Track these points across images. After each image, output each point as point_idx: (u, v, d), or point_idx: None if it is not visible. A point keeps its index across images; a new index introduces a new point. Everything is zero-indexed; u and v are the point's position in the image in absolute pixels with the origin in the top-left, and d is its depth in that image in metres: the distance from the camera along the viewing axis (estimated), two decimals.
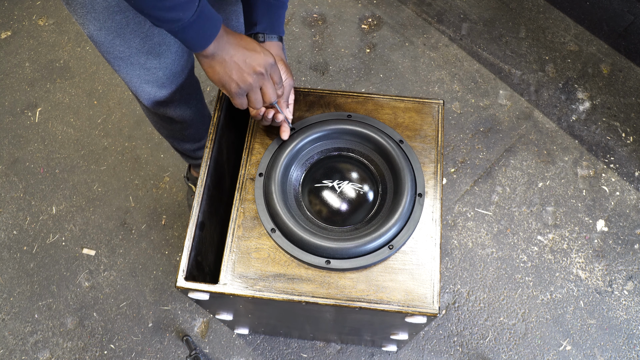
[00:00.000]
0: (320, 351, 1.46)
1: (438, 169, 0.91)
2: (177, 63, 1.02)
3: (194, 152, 1.39)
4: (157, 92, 1.05)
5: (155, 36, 0.93)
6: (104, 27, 0.88)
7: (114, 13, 0.86)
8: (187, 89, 1.11)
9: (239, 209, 0.89)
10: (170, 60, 0.99)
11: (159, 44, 0.94)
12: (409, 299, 0.82)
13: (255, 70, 0.79)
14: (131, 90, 1.06)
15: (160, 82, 1.02)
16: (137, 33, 0.90)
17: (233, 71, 0.78)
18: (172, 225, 1.64)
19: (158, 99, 1.07)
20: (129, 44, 0.92)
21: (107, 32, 0.89)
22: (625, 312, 1.50)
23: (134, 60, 0.95)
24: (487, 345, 1.47)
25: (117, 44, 0.91)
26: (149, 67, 0.98)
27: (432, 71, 1.88)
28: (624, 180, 1.68)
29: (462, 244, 1.60)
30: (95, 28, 0.88)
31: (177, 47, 0.99)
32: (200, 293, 0.85)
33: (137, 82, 1.01)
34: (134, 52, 0.94)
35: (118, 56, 0.94)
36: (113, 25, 0.88)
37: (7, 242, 1.63)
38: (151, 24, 0.90)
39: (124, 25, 0.88)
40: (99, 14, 0.86)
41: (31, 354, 1.48)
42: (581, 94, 1.83)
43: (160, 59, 0.98)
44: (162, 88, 1.04)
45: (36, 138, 1.79)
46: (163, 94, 1.06)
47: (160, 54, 0.97)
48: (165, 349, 1.48)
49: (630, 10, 1.83)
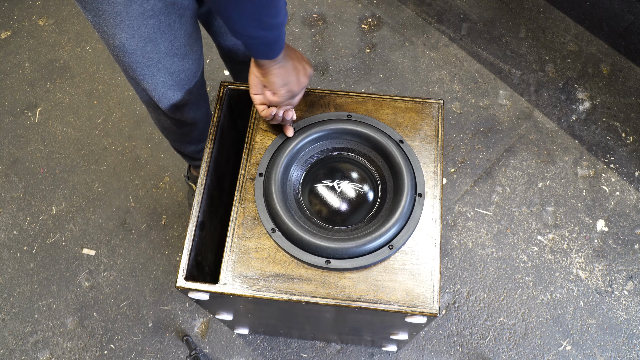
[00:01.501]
0: (320, 351, 1.46)
1: (438, 169, 0.91)
2: (197, 63, 1.05)
3: (197, 153, 1.40)
4: (177, 95, 1.07)
5: (181, 37, 0.96)
6: (137, 33, 0.89)
7: (148, 18, 0.87)
8: (199, 90, 1.13)
9: (239, 209, 0.89)
10: (192, 61, 1.02)
11: (184, 45, 0.97)
12: (409, 299, 0.82)
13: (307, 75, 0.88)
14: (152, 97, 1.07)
15: (182, 84, 1.05)
16: (167, 36, 0.93)
17: (293, 76, 0.85)
18: (172, 225, 1.64)
19: (176, 102, 1.09)
20: (158, 49, 0.94)
21: (140, 39, 0.90)
22: (625, 312, 1.50)
23: (161, 65, 0.97)
24: (487, 345, 1.47)
25: (147, 50, 0.93)
26: (174, 71, 1.00)
27: (432, 71, 1.88)
28: (624, 180, 1.68)
29: (462, 244, 1.60)
30: (128, 36, 0.89)
31: (197, 47, 1.02)
32: (200, 293, 0.85)
33: (161, 88, 1.03)
34: (162, 57, 0.96)
35: (146, 64, 0.96)
36: (147, 31, 0.89)
37: (7, 242, 1.63)
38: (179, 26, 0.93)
39: (156, 29, 0.90)
40: (134, 21, 0.87)
41: (31, 354, 1.48)
42: (581, 94, 1.83)
43: (185, 61, 1.00)
44: (181, 90, 1.06)
45: (36, 138, 1.79)
46: (181, 97, 1.08)
47: (185, 55, 0.99)
48: (165, 349, 1.48)
49: (630, 10, 1.83)
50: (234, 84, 1.01)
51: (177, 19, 0.92)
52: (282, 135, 0.94)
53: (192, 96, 1.11)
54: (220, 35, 1.11)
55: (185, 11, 0.93)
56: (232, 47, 1.16)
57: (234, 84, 1.01)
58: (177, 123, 1.20)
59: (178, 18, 0.92)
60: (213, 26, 1.09)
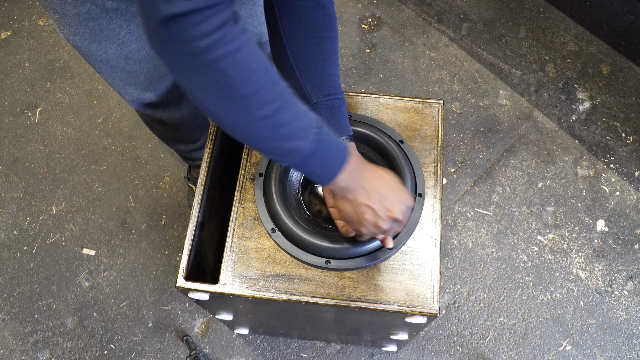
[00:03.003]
0: (320, 351, 1.46)
1: (438, 169, 0.91)
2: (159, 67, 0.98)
3: (189, 153, 1.39)
4: (141, 94, 1.02)
5: (132, 43, 0.90)
6: (77, 32, 0.86)
7: (85, 20, 0.84)
8: (177, 92, 1.09)
9: (239, 209, 0.89)
10: (152, 66, 0.97)
11: (137, 50, 0.92)
12: (409, 299, 0.82)
13: (392, 217, 0.70)
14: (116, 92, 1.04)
15: (144, 85, 1.00)
16: (113, 40, 0.88)
17: (366, 214, 0.69)
18: (172, 225, 1.64)
19: (144, 101, 1.05)
20: (105, 49, 0.89)
21: (82, 38, 0.87)
22: (625, 312, 1.50)
23: (113, 63, 0.93)
24: (487, 345, 1.47)
25: (93, 49, 0.89)
26: (130, 71, 0.96)
27: (432, 71, 1.88)
28: (624, 180, 1.68)
29: (462, 244, 1.60)
30: (70, 33, 0.87)
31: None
32: (200, 293, 0.85)
33: (119, 83, 0.99)
34: (112, 57, 0.91)
35: (97, 59, 0.92)
36: (87, 32, 0.86)
37: (7, 242, 1.63)
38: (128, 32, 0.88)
39: (98, 32, 0.86)
40: (72, 21, 0.84)
41: (31, 354, 1.48)
42: (581, 94, 1.83)
43: (142, 64, 0.95)
44: (146, 91, 1.02)
45: (36, 138, 1.79)
46: (149, 97, 1.04)
47: (141, 60, 0.94)
48: (165, 349, 1.48)
49: (630, 10, 1.83)
50: None
51: (123, 24, 0.86)
52: None
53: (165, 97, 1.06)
54: None
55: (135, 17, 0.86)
56: None
57: None
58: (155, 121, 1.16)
59: (125, 24, 0.86)
60: None
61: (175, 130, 1.22)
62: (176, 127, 1.21)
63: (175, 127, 1.21)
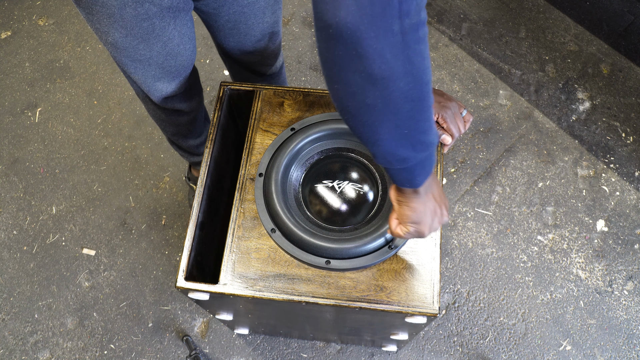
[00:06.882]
0: (320, 351, 1.46)
1: (438, 169, 0.91)
2: (189, 58, 1.05)
3: (197, 147, 1.40)
4: (167, 87, 1.08)
5: (175, 38, 0.96)
6: (130, 34, 0.90)
7: (141, 20, 0.88)
8: (190, 79, 1.15)
9: (239, 209, 0.89)
10: (184, 57, 1.03)
11: (177, 45, 0.98)
12: (409, 299, 0.82)
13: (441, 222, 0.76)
14: (142, 89, 1.09)
15: (172, 76, 1.06)
16: (160, 37, 0.94)
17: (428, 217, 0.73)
18: (172, 225, 1.64)
19: (167, 94, 1.10)
20: (151, 48, 0.95)
21: (133, 39, 0.92)
22: (625, 312, 1.50)
23: (152, 61, 0.98)
24: (487, 345, 1.47)
25: (140, 49, 0.94)
26: (165, 66, 1.01)
27: (432, 71, 1.88)
28: (624, 180, 1.68)
29: (462, 244, 1.60)
30: (121, 35, 0.91)
31: (190, 44, 1.03)
32: (200, 293, 0.85)
33: (150, 81, 1.04)
34: (154, 55, 0.97)
35: (138, 59, 0.97)
36: (140, 32, 0.90)
37: (7, 242, 1.63)
38: (173, 28, 0.93)
39: (150, 31, 0.91)
40: (127, 23, 0.88)
41: (31, 354, 1.48)
42: (581, 94, 1.83)
43: (177, 58, 1.01)
44: (171, 82, 1.07)
45: (36, 138, 1.79)
46: (172, 88, 1.09)
47: (178, 54, 1.00)
48: (165, 349, 1.48)
49: (630, 10, 1.83)
50: (234, 84, 1.01)
51: (171, 21, 0.92)
52: (282, 135, 0.94)
53: (183, 86, 1.12)
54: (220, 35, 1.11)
55: (180, 13, 0.93)
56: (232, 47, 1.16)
57: (234, 84, 1.01)
58: (173, 113, 1.21)
59: (172, 20, 0.93)
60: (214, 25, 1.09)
61: (190, 122, 1.27)
62: (192, 117, 1.26)
63: (191, 117, 1.25)
